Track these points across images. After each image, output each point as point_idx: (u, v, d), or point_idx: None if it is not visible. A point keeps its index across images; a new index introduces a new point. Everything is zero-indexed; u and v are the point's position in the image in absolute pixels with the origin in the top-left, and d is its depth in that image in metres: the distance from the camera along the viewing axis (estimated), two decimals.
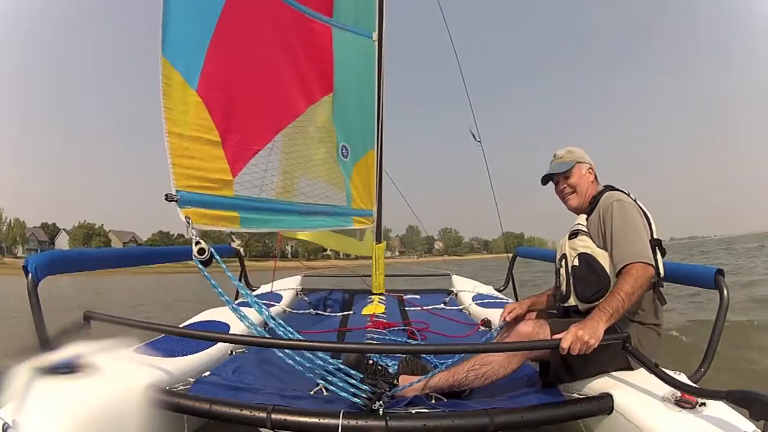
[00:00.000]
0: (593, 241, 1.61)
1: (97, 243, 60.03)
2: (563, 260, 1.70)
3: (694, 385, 1.26)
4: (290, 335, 1.73)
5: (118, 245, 59.91)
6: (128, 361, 1.38)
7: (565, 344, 1.31)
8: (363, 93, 3.30)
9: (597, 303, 1.46)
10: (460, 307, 3.14)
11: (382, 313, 2.78)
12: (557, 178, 1.82)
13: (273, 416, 1.11)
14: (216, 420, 1.17)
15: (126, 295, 11.75)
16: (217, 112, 2.20)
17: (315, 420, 1.10)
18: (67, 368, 1.00)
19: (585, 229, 1.65)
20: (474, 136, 4.05)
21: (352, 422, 1.09)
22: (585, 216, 1.71)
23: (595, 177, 1.82)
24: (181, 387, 1.39)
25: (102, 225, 65.93)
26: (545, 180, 1.87)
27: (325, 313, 2.89)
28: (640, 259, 1.45)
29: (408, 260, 58.00)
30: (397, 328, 2.39)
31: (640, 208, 1.64)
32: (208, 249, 1.85)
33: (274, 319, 1.78)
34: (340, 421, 1.09)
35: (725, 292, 1.54)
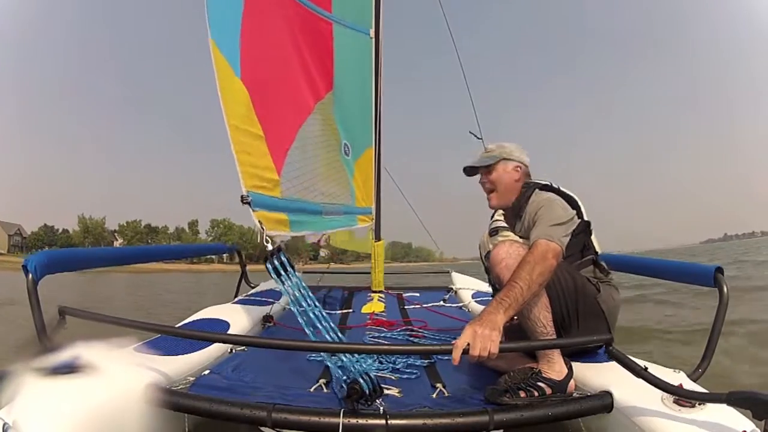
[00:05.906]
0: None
1: None
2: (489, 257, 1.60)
3: (694, 385, 1.26)
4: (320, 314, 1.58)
5: (3, 237, 58.77)
6: (128, 360, 1.38)
7: (460, 342, 1.13)
8: (361, 90, 3.29)
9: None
10: (460, 304, 3.14)
11: (382, 312, 2.79)
12: (480, 171, 1.74)
13: (274, 415, 1.11)
14: (216, 419, 1.17)
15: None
16: (257, 104, 2.01)
17: (316, 419, 1.11)
18: (67, 368, 1.00)
19: (504, 225, 1.64)
20: (476, 136, 4.06)
21: (353, 421, 1.10)
22: (502, 213, 1.69)
23: (527, 176, 1.71)
24: (181, 386, 1.39)
25: None
26: (469, 171, 1.77)
27: (325, 311, 2.87)
28: (543, 237, 1.40)
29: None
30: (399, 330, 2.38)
31: (564, 193, 1.64)
32: (280, 257, 1.61)
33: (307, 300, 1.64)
34: (340, 420, 1.09)
35: (725, 290, 1.53)
